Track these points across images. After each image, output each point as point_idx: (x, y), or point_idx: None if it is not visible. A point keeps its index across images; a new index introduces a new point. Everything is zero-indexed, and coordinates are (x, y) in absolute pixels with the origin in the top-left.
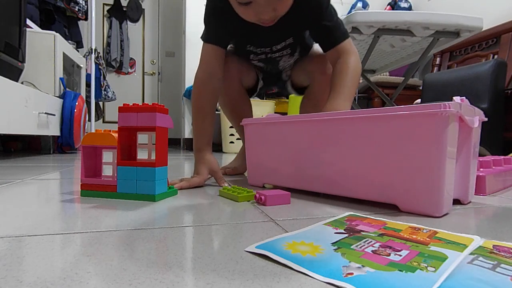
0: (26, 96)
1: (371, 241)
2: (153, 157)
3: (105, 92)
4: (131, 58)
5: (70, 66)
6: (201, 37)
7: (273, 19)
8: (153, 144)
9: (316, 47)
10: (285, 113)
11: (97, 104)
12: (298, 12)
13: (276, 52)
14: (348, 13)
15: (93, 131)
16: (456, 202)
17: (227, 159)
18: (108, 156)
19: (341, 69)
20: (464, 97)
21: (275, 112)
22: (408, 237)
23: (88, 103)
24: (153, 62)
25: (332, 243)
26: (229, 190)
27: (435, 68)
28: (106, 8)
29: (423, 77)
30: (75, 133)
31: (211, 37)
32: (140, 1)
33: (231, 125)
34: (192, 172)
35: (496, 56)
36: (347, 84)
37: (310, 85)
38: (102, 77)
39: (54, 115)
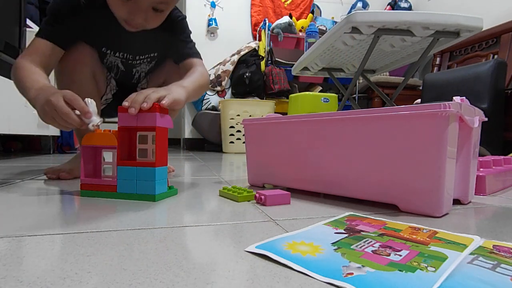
0: None
1: (371, 241)
2: (153, 157)
3: None
4: None
5: None
6: (41, 30)
7: (139, 27)
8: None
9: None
10: (285, 113)
11: None
12: (164, 32)
13: (138, 60)
14: (348, 13)
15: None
16: (456, 202)
17: (228, 159)
18: (107, 156)
19: (191, 71)
20: (464, 97)
21: (275, 112)
22: (408, 237)
23: None
24: None
25: (332, 243)
26: (229, 190)
27: (435, 68)
28: None
29: (423, 77)
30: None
31: (56, 35)
32: None
33: (231, 125)
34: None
35: (496, 56)
36: (191, 79)
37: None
38: None
39: None
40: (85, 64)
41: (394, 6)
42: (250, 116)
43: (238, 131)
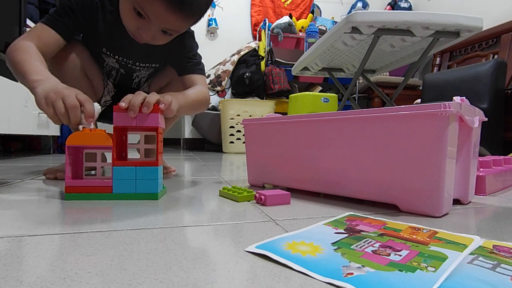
0: (26, 96)
1: (371, 241)
2: (146, 157)
3: None
4: None
5: None
6: (48, 18)
7: (145, 42)
8: (147, 143)
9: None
10: (285, 113)
11: None
12: (172, 48)
13: (138, 66)
14: (348, 13)
15: None
16: (456, 202)
17: (228, 159)
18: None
19: (191, 88)
20: (464, 97)
21: (275, 112)
22: (408, 237)
23: None
24: None
25: (332, 243)
26: (229, 190)
27: (435, 68)
28: None
29: (423, 77)
30: None
31: (63, 27)
32: None
33: (231, 125)
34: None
35: (496, 56)
36: (187, 93)
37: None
38: None
39: None
40: (75, 62)
41: (394, 6)
42: (250, 116)
43: (238, 131)
